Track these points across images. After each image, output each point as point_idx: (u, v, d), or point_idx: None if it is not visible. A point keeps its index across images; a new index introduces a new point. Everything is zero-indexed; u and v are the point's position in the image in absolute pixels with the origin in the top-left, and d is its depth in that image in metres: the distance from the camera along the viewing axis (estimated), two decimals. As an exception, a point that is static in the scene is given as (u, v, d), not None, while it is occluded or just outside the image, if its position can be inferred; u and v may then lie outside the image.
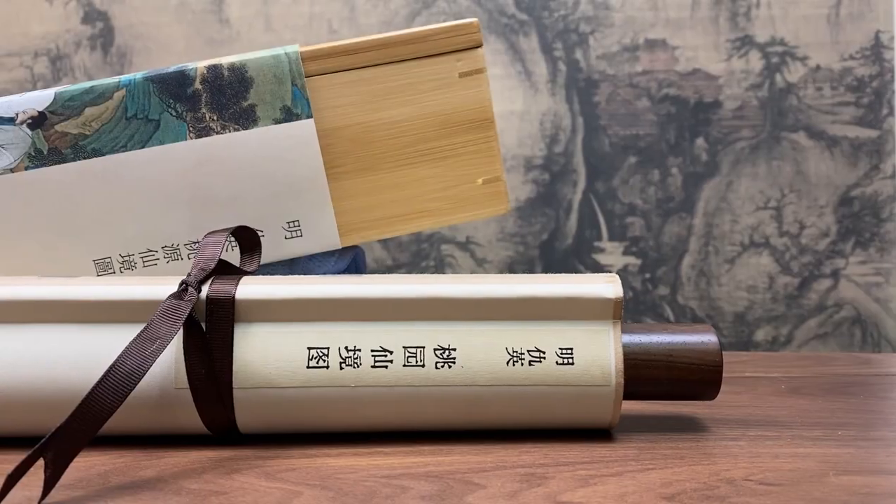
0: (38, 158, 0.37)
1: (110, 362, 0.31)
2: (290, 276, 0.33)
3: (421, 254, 0.75)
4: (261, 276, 0.33)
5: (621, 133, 0.76)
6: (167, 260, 0.38)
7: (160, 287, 0.32)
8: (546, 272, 0.75)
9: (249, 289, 0.32)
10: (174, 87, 0.37)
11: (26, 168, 0.37)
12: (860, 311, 0.71)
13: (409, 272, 0.76)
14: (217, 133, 0.38)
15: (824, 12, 0.73)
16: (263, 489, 0.27)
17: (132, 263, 0.38)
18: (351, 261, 0.44)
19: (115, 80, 0.37)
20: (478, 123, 0.39)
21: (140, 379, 0.28)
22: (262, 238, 0.38)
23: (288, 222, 0.39)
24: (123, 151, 0.37)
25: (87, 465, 0.30)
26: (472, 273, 0.74)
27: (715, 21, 0.76)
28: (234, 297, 0.32)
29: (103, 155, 0.37)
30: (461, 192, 0.40)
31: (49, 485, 0.26)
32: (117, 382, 0.27)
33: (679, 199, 0.74)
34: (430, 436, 0.32)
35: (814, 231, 0.72)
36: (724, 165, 0.73)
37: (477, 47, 0.39)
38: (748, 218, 0.73)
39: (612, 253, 0.80)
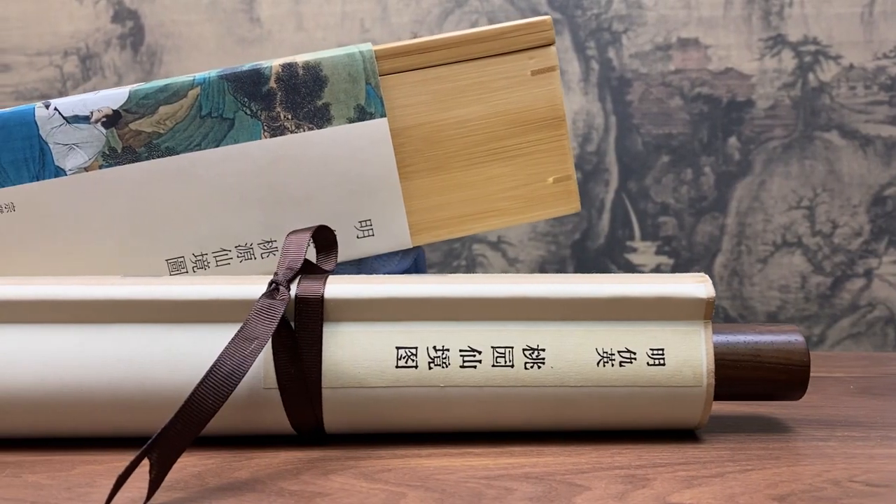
0: (112, 157, 0.37)
1: (199, 361, 0.31)
2: (376, 276, 0.33)
3: (453, 253, 0.75)
4: (346, 276, 0.33)
5: (654, 132, 0.75)
6: (240, 259, 0.38)
7: (249, 286, 0.32)
8: (578, 272, 0.75)
9: (337, 288, 0.32)
10: (249, 85, 0.37)
11: (100, 167, 0.37)
12: (893, 310, 0.71)
13: (441, 272, 0.76)
14: (291, 132, 0.37)
15: (858, 11, 0.73)
16: (366, 490, 0.27)
17: (205, 263, 0.38)
18: (413, 260, 0.44)
19: (189, 78, 0.37)
20: (549, 122, 0.39)
21: (240, 379, 0.28)
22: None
23: (360, 221, 0.38)
24: (197, 150, 0.37)
25: (178, 467, 0.30)
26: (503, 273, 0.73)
27: (748, 20, 0.75)
28: (322, 296, 0.31)
29: (177, 154, 0.37)
30: (531, 191, 0.39)
31: (154, 486, 0.26)
32: (218, 383, 0.27)
33: (712, 198, 0.74)
34: (515, 436, 0.32)
35: (846, 230, 0.72)
36: (757, 165, 0.72)
37: (549, 45, 0.39)
38: (781, 217, 0.72)
39: (644, 252, 0.80)
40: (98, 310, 0.31)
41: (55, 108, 0.36)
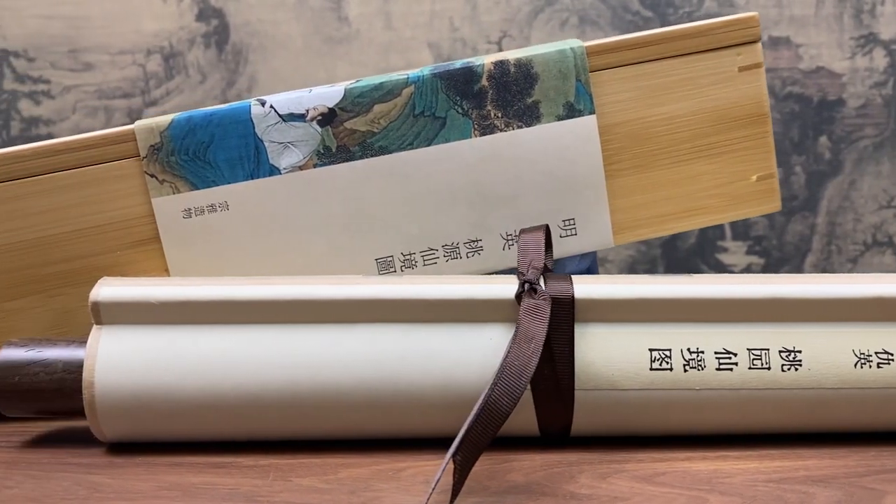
0: (326, 156, 0.36)
1: (449, 361, 0.30)
2: (621, 276, 0.33)
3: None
4: (590, 276, 0.32)
5: (748, 131, 0.75)
6: (446, 259, 0.37)
7: (496, 286, 0.31)
8: (668, 272, 0.75)
9: (587, 288, 0.31)
10: (461, 83, 0.37)
11: (314, 166, 0.36)
12: None
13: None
14: (501, 130, 0.37)
15: (953, 8, 0.72)
16: (661, 494, 0.27)
17: (413, 262, 0.37)
18: (592, 261, 0.43)
19: (403, 76, 0.36)
20: (754, 119, 0.38)
21: (529, 379, 0.27)
22: (538, 236, 0.38)
23: (564, 220, 0.38)
24: (410, 149, 0.37)
25: (434, 470, 0.29)
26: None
27: (839, 18, 0.75)
28: (573, 295, 0.31)
29: (390, 153, 0.37)
30: (735, 189, 0.39)
31: (458, 488, 0.25)
32: (510, 384, 0.27)
33: (802, 197, 0.73)
34: (762, 439, 0.32)
35: (938, 230, 0.71)
36: (848, 164, 0.72)
37: (755, 41, 0.38)
38: (871, 217, 0.72)
39: (735, 252, 0.80)
40: (348, 309, 0.31)
41: (271, 106, 0.36)
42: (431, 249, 0.37)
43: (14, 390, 0.32)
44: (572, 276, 0.32)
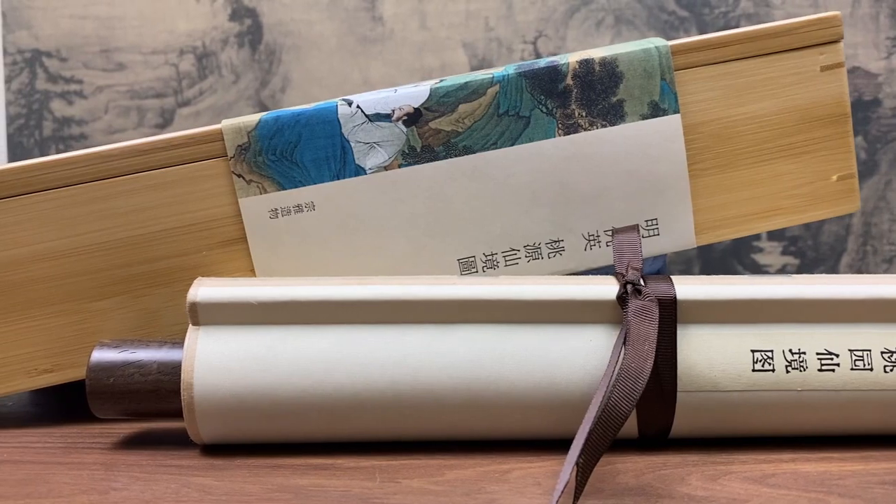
0: (411, 156, 0.36)
1: (547, 362, 0.30)
2: (720, 276, 0.32)
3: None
4: (690, 277, 0.32)
5: (786, 131, 0.74)
6: (528, 259, 0.37)
7: (596, 286, 0.31)
8: (703, 272, 0.74)
9: (689, 289, 0.31)
10: (546, 82, 0.36)
11: (399, 166, 0.36)
12: None
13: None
14: (585, 130, 0.37)
15: None
16: (779, 496, 0.26)
17: (494, 263, 0.37)
18: (663, 263, 0.43)
19: (488, 75, 0.36)
20: (835, 118, 0.38)
21: (646, 381, 0.27)
22: (620, 237, 0.38)
23: (647, 220, 0.38)
24: (494, 149, 0.36)
25: (541, 472, 0.29)
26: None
27: (875, 18, 0.74)
28: (675, 297, 0.31)
29: (474, 153, 0.36)
30: (815, 189, 0.39)
31: (579, 492, 0.25)
32: (627, 386, 0.27)
33: None
34: (862, 440, 0.31)
35: (981, 230, 0.71)
36: (883, 164, 0.71)
37: (838, 41, 0.38)
38: None
39: (770, 252, 0.79)
40: (449, 310, 0.31)
41: (357, 106, 0.36)
42: (513, 250, 0.37)
43: (108, 391, 0.31)
44: (672, 277, 0.32)
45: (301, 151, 0.35)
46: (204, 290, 0.31)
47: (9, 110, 1.01)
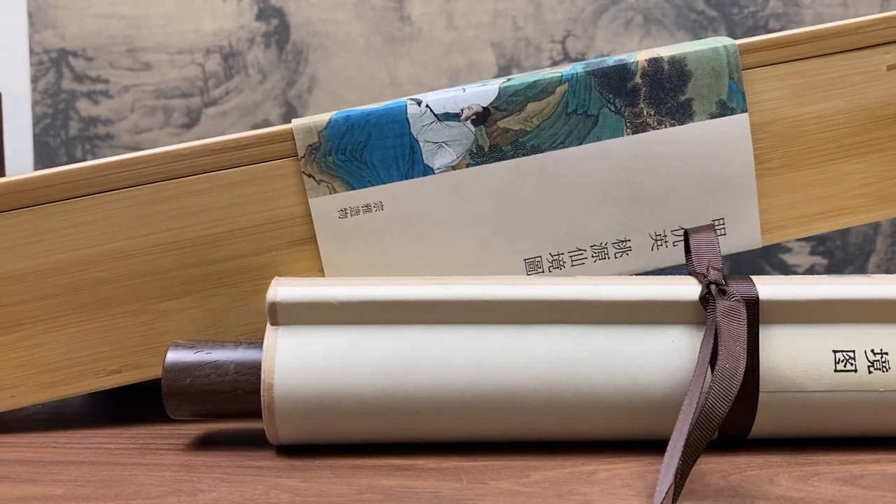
0: (479, 155, 0.36)
1: (625, 362, 0.30)
2: (802, 276, 0.32)
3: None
4: (769, 277, 0.32)
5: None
6: (595, 259, 0.37)
7: (677, 287, 0.31)
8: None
9: (770, 289, 0.31)
10: (615, 81, 0.36)
11: (467, 165, 0.36)
12: None
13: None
14: (653, 128, 0.37)
15: None
16: (875, 497, 0.26)
17: (561, 263, 0.37)
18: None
19: (557, 73, 0.36)
20: (901, 118, 0.38)
21: (741, 382, 0.27)
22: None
23: (713, 220, 0.38)
24: (561, 148, 0.36)
25: (627, 473, 0.29)
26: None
27: None
28: (757, 297, 0.30)
29: (542, 152, 0.36)
30: (881, 188, 0.38)
31: (678, 494, 0.25)
32: (723, 387, 0.26)
33: None
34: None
35: None
36: None
37: (905, 40, 0.38)
38: None
39: (798, 252, 0.79)
40: (528, 310, 0.31)
41: (427, 105, 0.35)
42: (580, 250, 0.37)
43: (185, 392, 0.31)
44: (752, 277, 0.32)
45: (370, 151, 0.35)
46: (283, 290, 0.31)
47: (35, 110, 1.01)
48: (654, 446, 0.31)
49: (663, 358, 0.30)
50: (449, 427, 0.31)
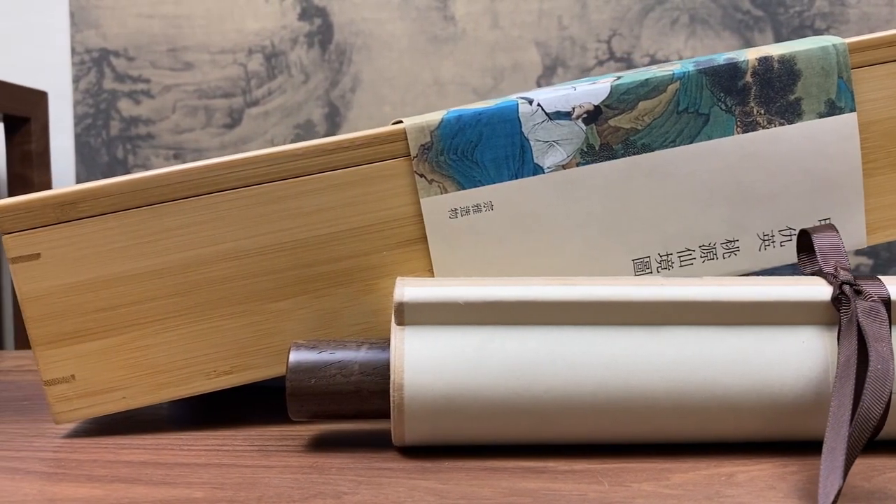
0: (589, 154, 0.36)
1: (745, 364, 0.30)
2: (928, 276, 0.32)
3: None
4: (892, 276, 0.32)
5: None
6: (703, 259, 0.37)
7: (802, 287, 0.31)
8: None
9: (898, 289, 0.30)
10: (726, 79, 0.36)
11: (577, 164, 0.36)
12: None
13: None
14: (763, 127, 0.36)
15: None
16: None
17: (669, 263, 0.37)
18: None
19: (668, 72, 0.36)
20: None
21: (893, 381, 0.27)
22: (792, 236, 0.37)
23: (819, 220, 0.37)
24: (672, 147, 0.36)
25: (766, 475, 0.28)
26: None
27: None
28: (889, 297, 0.30)
29: (652, 150, 0.36)
30: None
31: (838, 494, 0.25)
32: (876, 389, 0.26)
33: None
34: None
35: None
36: None
37: None
38: None
39: (845, 252, 0.78)
40: (659, 311, 0.30)
41: (538, 105, 0.35)
42: (688, 250, 0.37)
43: (309, 393, 0.31)
44: (879, 277, 0.31)
45: (481, 150, 0.35)
46: (410, 290, 0.31)
47: (76, 110, 1.00)
48: (782, 448, 0.31)
49: (795, 359, 0.30)
50: (579, 429, 0.30)
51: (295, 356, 0.31)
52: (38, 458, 0.32)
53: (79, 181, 1.01)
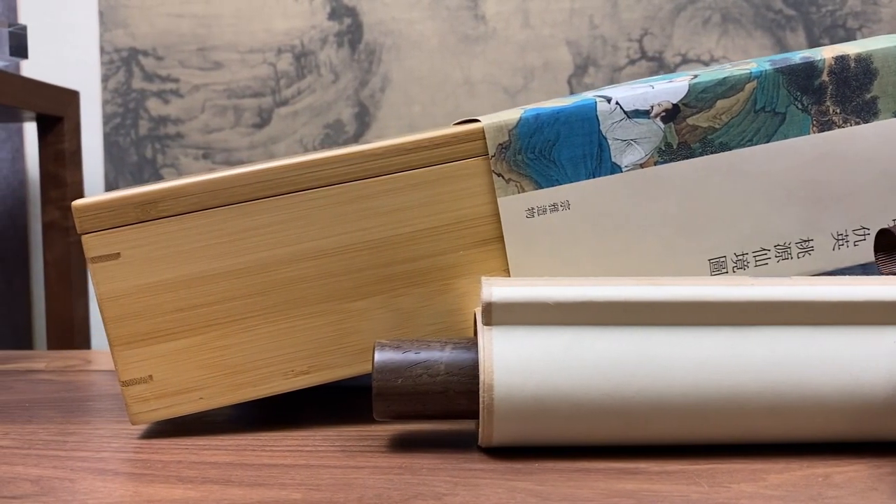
0: (667, 153, 0.35)
1: (837, 365, 0.30)
2: None
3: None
4: None
5: None
6: (777, 259, 0.37)
7: (892, 287, 0.31)
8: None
9: None
10: (802, 78, 0.36)
11: (655, 163, 0.35)
12: None
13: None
14: (839, 127, 0.36)
15: None
16: None
17: (745, 263, 0.37)
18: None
19: (746, 70, 0.36)
20: None
21: None
22: (866, 236, 0.37)
23: (893, 220, 0.37)
24: (749, 146, 0.36)
25: (863, 476, 0.28)
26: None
27: None
28: (980, 298, 0.30)
29: (730, 149, 0.36)
30: None
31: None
32: None
33: None
34: None
35: None
36: None
37: None
38: None
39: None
40: (749, 312, 0.30)
41: (616, 103, 0.35)
42: (763, 250, 0.37)
43: (396, 393, 0.31)
44: (968, 277, 0.31)
45: (559, 149, 0.35)
46: (498, 290, 0.30)
47: (105, 109, 1.00)
48: (872, 448, 0.31)
49: (886, 359, 0.30)
50: (671, 430, 0.30)
51: (380, 356, 0.31)
52: (121, 460, 0.32)
53: (107, 181, 1.01)
